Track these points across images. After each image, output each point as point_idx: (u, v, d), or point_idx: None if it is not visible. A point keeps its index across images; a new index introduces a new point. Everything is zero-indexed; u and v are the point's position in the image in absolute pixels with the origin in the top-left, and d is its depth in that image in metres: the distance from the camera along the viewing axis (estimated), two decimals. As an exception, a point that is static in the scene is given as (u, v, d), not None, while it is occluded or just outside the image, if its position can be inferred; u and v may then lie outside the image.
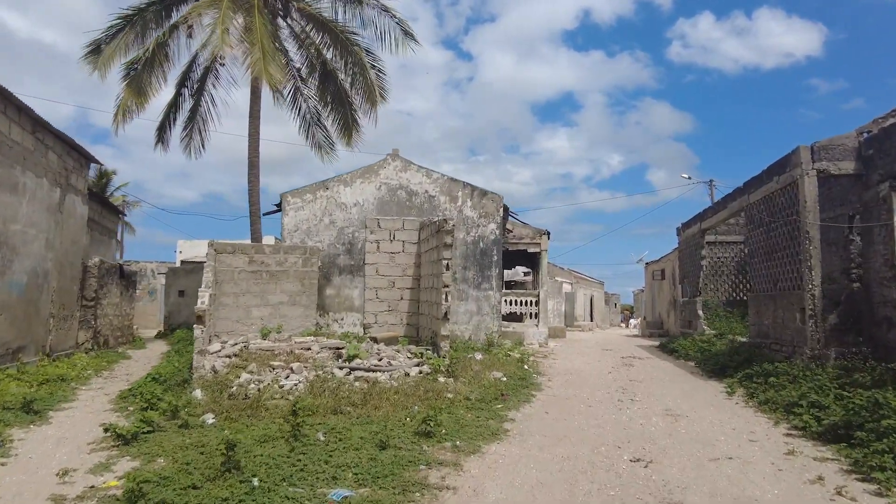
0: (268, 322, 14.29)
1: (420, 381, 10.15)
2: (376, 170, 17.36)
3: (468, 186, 17.03)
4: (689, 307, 20.99)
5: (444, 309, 11.77)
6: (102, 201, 23.11)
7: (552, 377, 13.15)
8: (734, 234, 22.39)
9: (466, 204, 16.98)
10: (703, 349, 16.62)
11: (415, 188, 17.16)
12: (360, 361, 10.70)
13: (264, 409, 8.59)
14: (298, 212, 17.30)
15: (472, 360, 13.42)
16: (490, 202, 16.95)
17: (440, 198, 17.06)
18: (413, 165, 17.28)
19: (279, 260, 14.65)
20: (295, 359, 10.75)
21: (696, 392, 11.45)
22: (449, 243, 11.90)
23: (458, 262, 16.81)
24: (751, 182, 14.35)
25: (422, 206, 17.04)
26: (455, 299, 16.72)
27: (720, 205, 17.58)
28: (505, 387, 10.81)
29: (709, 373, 13.69)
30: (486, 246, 16.81)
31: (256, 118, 23.12)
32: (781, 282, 12.57)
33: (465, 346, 15.48)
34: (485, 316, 16.66)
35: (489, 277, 16.74)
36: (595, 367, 15.31)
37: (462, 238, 16.88)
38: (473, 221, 16.91)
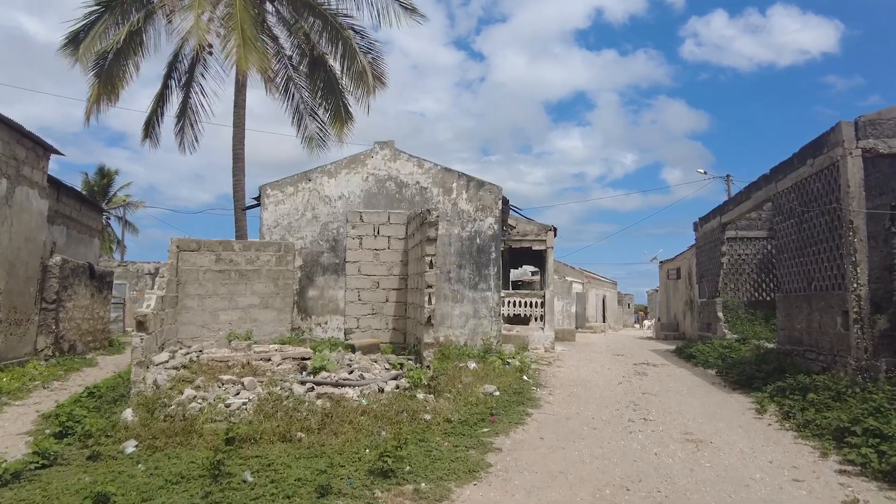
0: (237, 327, 12.84)
1: (394, 399, 8.63)
2: (363, 160, 15.88)
3: (463, 177, 15.50)
4: (707, 308, 19.30)
5: (427, 312, 10.24)
6: (81, 197, 21.82)
7: (554, 390, 11.58)
8: (756, 228, 20.67)
9: (461, 196, 15.45)
10: (724, 355, 14.97)
11: (405, 179, 15.66)
12: (327, 375, 9.20)
13: (198, 435, 7.12)
14: (278, 206, 15.87)
15: (463, 370, 11.88)
16: (487, 194, 15.40)
17: (433, 189, 15.54)
18: (403, 154, 15.77)
19: (250, 258, 13.20)
20: (251, 371, 9.27)
21: (719, 409, 9.83)
22: (433, 237, 10.38)
23: (452, 260, 15.30)
24: (779, 168, 12.69)
25: (412, 198, 15.53)
26: (449, 301, 15.21)
27: (743, 195, 15.89)
28: (496, 404, 9.25)
29: (732, 384, 12.05)
30: (483, 242, 15.26)
31: (241, 108, 21.69)
32: (817, 280, 10.91)
33: (459, 353, 13.95)
34: (482, 319, 15.12)
35: (487, 276, 15.20)
36: (604, 377, 13.71)
37: (457, 234, 15.35)
38: (469, 215, 15.37)
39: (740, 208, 16.00)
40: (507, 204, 16.34)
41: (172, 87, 23.69)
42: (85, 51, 18.49)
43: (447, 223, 15.38)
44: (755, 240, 20.66)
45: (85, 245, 22.84)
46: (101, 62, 19.06)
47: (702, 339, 19.49)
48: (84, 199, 22.25)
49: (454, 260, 15.26)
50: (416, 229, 12.14)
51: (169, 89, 23.48)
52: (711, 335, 18.35)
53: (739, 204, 16.04)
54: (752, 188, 14.74)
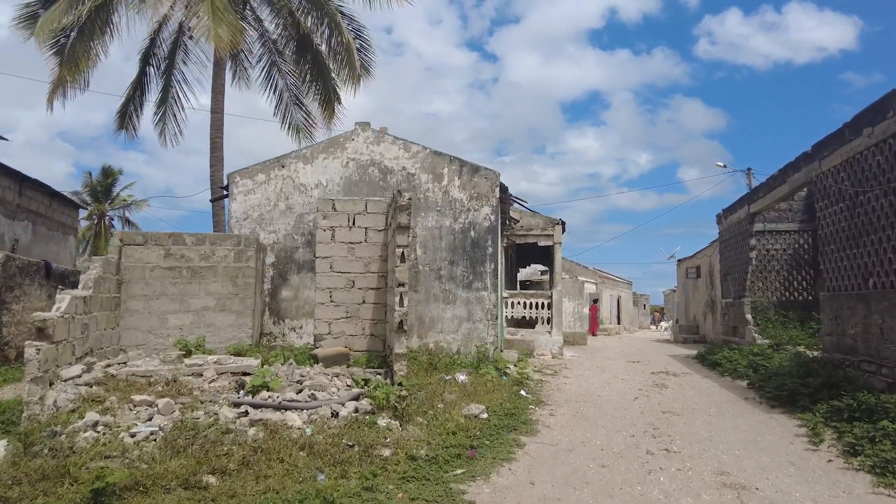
0: (188, 333, 11.11)
1: (349, 427, 6.83)
2: (343, 143, 14.09)
3: (455, 161, 13.66)
4: (733, 310, 17.29)
5: (398, 316, 8.42)
6: (50, 192, 20.24)
7: (557, 408, 9.70)
8: (786, 220, 18.63)
9: (453, 183, 13.60)
10: (755, 364, 13.00)
11: (390, 164, 13.85)
12: (269, 395, 7.41)
13: (71, 481, 5.36)
14: (249, 196, 14.11)
15: (448, 384, 10.04)
16: (483, 180, 13.55)
17: (421, 176, 13.71)
18: (388, 137, 13.96)
19: (204, 253, 11.45)
20: (175, 390, 7.50)
21: (759, 435, 7.91)
22: (405, 224, 8.55)
23: (443, 256, 13.46)
24: (825, 143, 10.71)
25: (398, 186, 13.70)
26: (440, 302, 13.38)
27: (776, 179, 13.86)
28: (481, 431, 7.39)
29: (770, 400, 10.09)
30: (478, 235, 13.42)
31: (220, 93, 20.01)
32: (877, 276, 8.95)
33: (448, 363, 12.12)
34: (477, 323, 13.26)
35: (482, 274, 13.34)
36: (617, 390, 11.80)
37: (448, 226, 13.51)
38: (462, 205, 13.53)
39: (773, 195, 13.97)
40: (507, 193, 14.48)
41: (151, 74, 22.14)
42: (43, 26, 16.88)
43: (437, 214, 13.55)
44: (785, 233, 18.61)
45: (57, 243, 21.28)
46: (63, 40, 17.46)
47: (727, 344, 17.49)
48: (55, 193, 20.69)
49: (445, 255, 13.43)
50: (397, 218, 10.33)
51: (147, 76, 21.89)
52: (738, 340, 16.35)
53: (772, 190, 14.00)
54: (789, 170, 12.73)
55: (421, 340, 13.27)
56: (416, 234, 13.55)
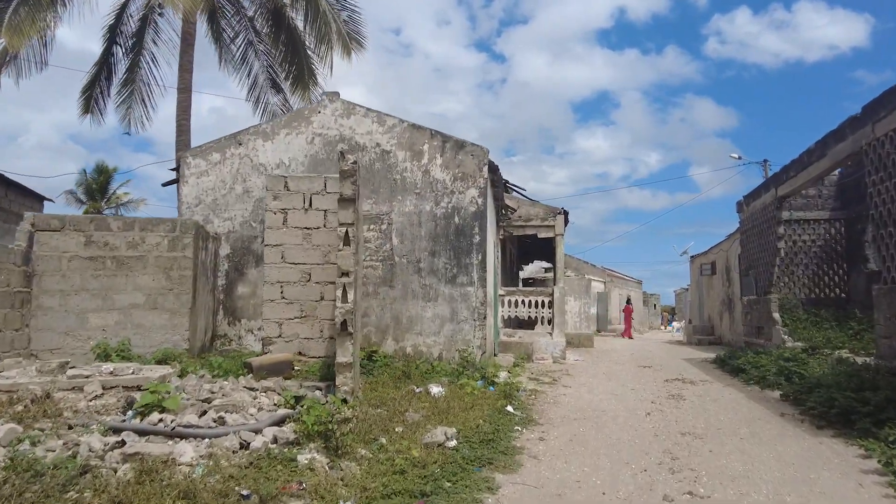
0: (113, 334, 9.34)
1: (256, 465, 5.01)
2: (308, 116, 12.28)
3: (437, 136, 11.81)
4: (757, 308, 15.33)
5: (340, 315, 6.56)
6: (7, 182, 18.56)
7: (551, 429, 7.83)
8: (815, 208, 16.65)
9: (435, 161, 11.76)
10: (787, 371, 11.07)
11: (361, 140, 12.02)
12: (160, 419, 5.60)
13: None
14: (202, 178, 12.34)
15: (418, 399, 8.19)
16: (469, 158, 11.69)
17: (397, 153, 11.88)
18: (359, 109, 12.14)
19: (133, 240, 9.67)
20: (40, 410, 5.70)
21: (814, 470, 6.01)
22: (349, 196, 6.69)
23: (423, 246, 11.62)
24: (879, 103, 8.76)
25: (371, 164, 11.90)
26: (419, 299, 11.54)
27: (811, 154, 11.84)
28: (442, 468, 5.52)
29: (816, 418, 8.17)
30: (463, 221, 11.57)
31: (187, 71, 18.20)
32: (956, 263, 7.02)
33: (426, 371, 10.30)
34: (462, 323, 11.41)
35: (468, 267, 11.49)
36: (625, 403, 9.92)
37: (429, 210, 11.67)
38: (445, 186, 11.68)
39: (808, 173, 11.95)
40: (497, 173, 12.59)
41: (119, 54, 20.46)
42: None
43: (416, 197, 11.71)
44: (814, 223, 16.63)
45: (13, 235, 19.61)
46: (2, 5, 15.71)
47: (749, 347, 15.55)
48: (10, 183, 19.03)
49: (425, 245, 11.59)
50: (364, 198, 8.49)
51: (114, 56, 20.21)
52: (763, 342, 14.41)
53: (806, 167, 11.99)
54: (830, 140, 10.74)
55: (397, 344, 11.44)
56: (391, 221, 11.72)
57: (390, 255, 11.62)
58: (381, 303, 11.54)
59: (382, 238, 11.69)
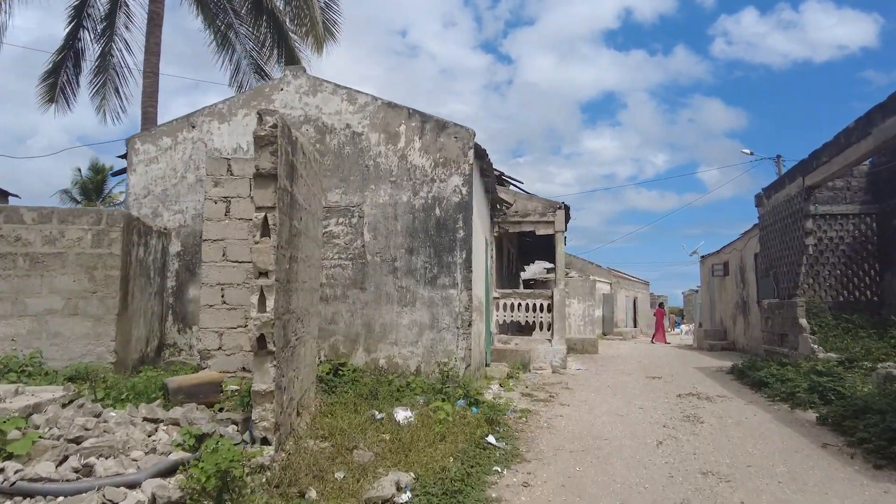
0: (25, 346, 7.86)
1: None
2: (268, 94, 10.79)
3: (416, 116, 10.30)
4: (780, 313, 13.73)
5: (255, 329, 5.02)
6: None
7: (539, 469, 6.29)
8: (842, 201, 15.04)
9: (413, 145, 10.25)
10: (823, 388, 9.51)
11: (329, 121, 10.52)
12: (4, 467, 4.11)
13: None
14: (151, 166, 10.88)
15: (377, 429, 6.68)
16: (452, 141, 10.17)
17: (370, 136, 10.37)
18: (327, 85, 10.64)
19: (50, 235, 8.19)
20: None
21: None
22: (266, 171, 5.14)
23: (399, 242, 10.11)
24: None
25: (340, 149, 10.40)
26: (394, 304, 10.02)
27: (850, 135, 10.14)
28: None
29: (870, 453, 6.59)
30: (445, 214, 10.05)
31: (154, 54, 16.67)
32: None
33: (399, 389, 8.79)
34: (443, 331, 9.87)
35: (451, 266, 9.97)
36: (632, 426, 8.38)
37: (406, 201, 10.16)
38: (424, 173, 10.16)
39: (845, 156, 10.30)
40: (485, 159, 11.03)
41: (87, 39, 19.05)
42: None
43: (391, 186, 10.20)
44: (842, 217, 15.02)
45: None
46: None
47: (770, 356, 13.97)
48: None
49: (402, 241, 10.07)
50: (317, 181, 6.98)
51: (80, 40, 18.80)
52: (787, 350, 12.82)
53: (844, 149, 10.35)
54: (875, 116, 9.11)
55: (368, 355, 9.93)
56: (362, 214, 10.22)
57: (361, 252, 10.12)
58: (351, 308, 10.03)
59: (352, 233, 10.18)
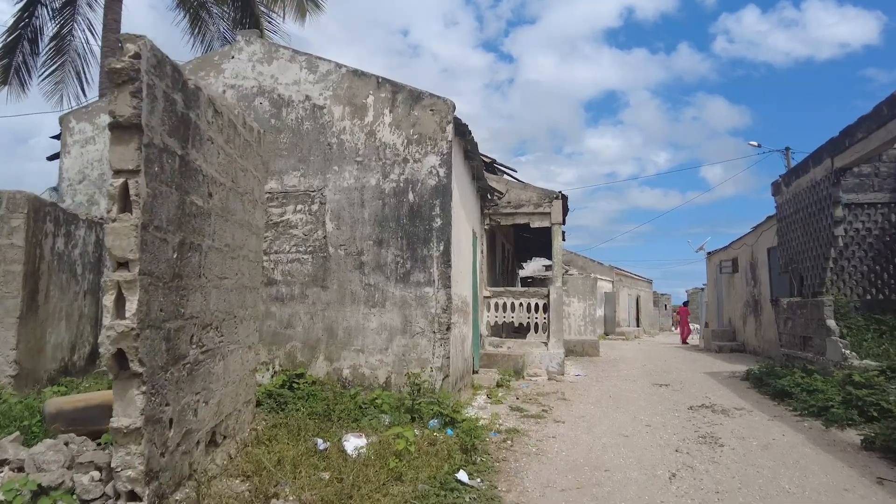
0: None
1: None
2: (218, 63, 9.37)
3: (386, 86, 8.87)
4: (803, 313, 12.29)
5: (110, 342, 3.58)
6: None
7: (520, 515, 4.89)
8: (869, 189, 13.58)
9: (382, 119, 8.82)
10: (862, 402, 8.12)
11: (286, 93, 9.11)
12: None
13: None
14: (87, 147, 9.48)
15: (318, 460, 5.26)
16: (428, 115, 8.74)
17: (333, 109, 8.95)
18: (284, 52, 9.23)
19: (-72, 221, 6.79)
20: None
21: None
22: (126, 118, 3.71)
23: (365, 233, 8.69)
24: None
25: (299, 124, 8.98)
26: (360, 304, 8.60)
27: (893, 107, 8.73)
28: None
29: (942, 493, 5.21)
30: (420, 199, 8.62)
31: (112, 31, 15.31)
32: None
33: (361, 406, 7.39)
34: (417, 336, 8.44)
35: (426, 261, 8.54)
36: (638, 453, 6.95)
37: (374, 185, 8.73)
38: (396, 153, 8.74)
39: (888, 130, 8.79)
40: (468, 136, 9.57)
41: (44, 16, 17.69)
42: None
43: (357, 167, 8.78)
44: (870, 207, 13.56)
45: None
46: None
47: (790, 361, 12.55)
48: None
49: (370, 232, 8.65)
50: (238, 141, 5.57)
51: (35, 16, 17.44)
52: (812, 356, 11.39)
53: (885, 123, 8.87)
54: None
55: (331, 364, 8.52)
56: (324, 200, 8.80)
57: (323, 244, 8.70)
58: (310, 309, 8.62)
59: (312, 222, 8.77)
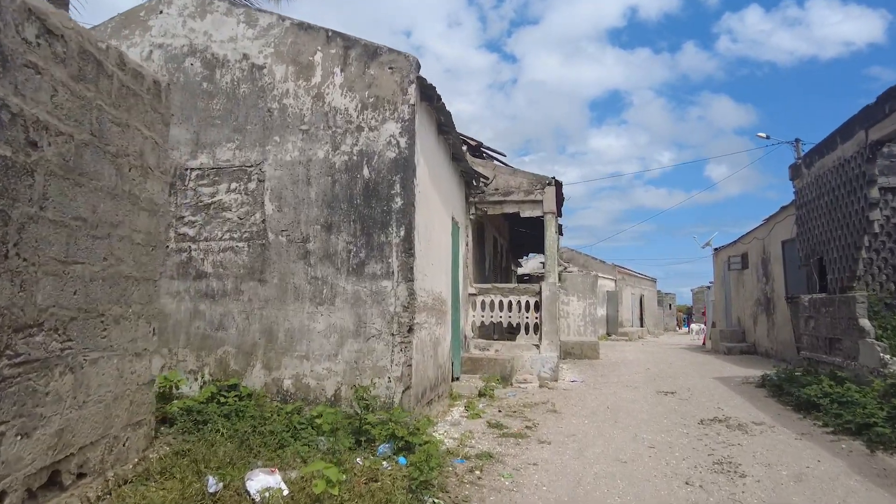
0: None
1: None
2: (144, 19, 7.95)
3: (337, 40, 7.43)
4: (829, 311, 10.81)
5: None
6: None
7: None
8: None
9: (332, 80, 7.38)
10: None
11: (221, 52, 7.68)
12: None
13: None
14: (-9, 118, 7.99)
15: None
16: (386, 74, 7.29)
17: (275, 69, 7.51)
18: (219, 4, 7.80)
19: None
20: None
21: None
22: None
23: (312, 215, 7.25)
24: None
25: (234, 87, 7.56)
26: (306, 301, 7.16)
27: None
28: None
29: None
30: (376, 176, 7.17)
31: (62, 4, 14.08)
32: None
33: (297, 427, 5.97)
34: (372, 340, 6.99)
35: (383, 249, 7.09)
36: (639, 485, 5.49)
37: (322, 158, 7.29)
38: (348, 119, 7.29)
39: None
40: (438, 102, 8.08)
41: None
42: None
43: (303, 137, 7.35)
44: None
45: None
46: None
47: (813, 366, 11.10)
48: None
49: (316, 214, 7.21)
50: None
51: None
52: (842, 360, 9.92)
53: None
54: None
55: (270, 374, 7.08)
56: (263, 177, 7.37)
57: (261, 230, 7.28)
58: (246, 307, 7.20)
59: (249, 203, 7.34)
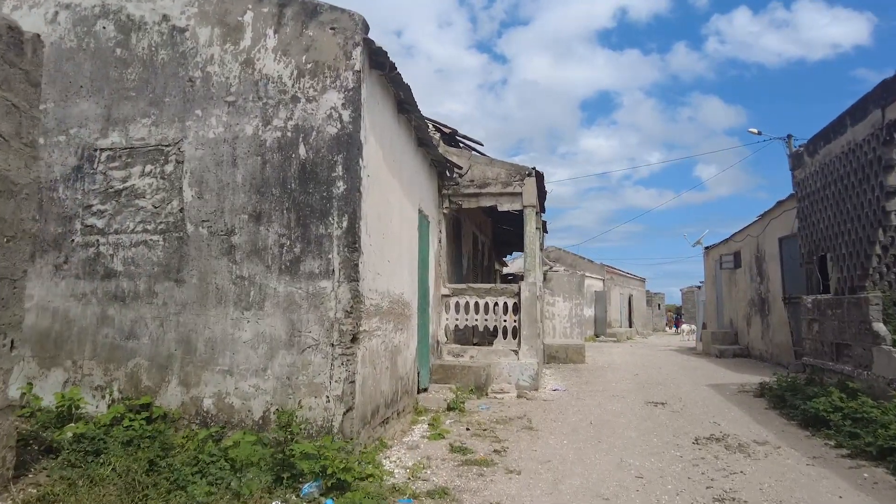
0: None
1: None
2: (46, -28, 6.79)
3: (271, -2, 6.29)
4: (836, 314, 9.78)
5: None
6: None
7: None
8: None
9: (264, 43, 6.24)
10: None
11: (138, 13, 6.53)
12: None
13: None
14: None
15: None
16: (327, 35, 6.15)
17: (199, 32, 6.37)
18: (134, -47, 6.64)
19: None
20: None
21: None
22: None
23: (239, 202, 6.11)
24: None
25: (152, 54, 6.40)
26: (230, 305, 6.01)
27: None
28: None
29: None
30: (315, 155, 6.03)
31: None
32: None
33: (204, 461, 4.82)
34: (308, 351, 5.85)
35: (322, 242, 5.95)
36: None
37: (251, 135, 6.15)
38: (282, 89, 6.15)
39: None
40: (393, 72, 6.91)
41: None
42: None
43: (228, 110, 6.20)
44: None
45: None
46: None
47: (817, 374, 10.08)
48: None
49: (243, 202, 6.07)
50: None
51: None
52: (852, 369, 8.90)
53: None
54: None
55: (187, 391, 5.94)
56: (182, 158, 6.22)
57: (179, 220, 6.13)
58: (160, 312, 6.05)
59: (166, 189, 6.20)
